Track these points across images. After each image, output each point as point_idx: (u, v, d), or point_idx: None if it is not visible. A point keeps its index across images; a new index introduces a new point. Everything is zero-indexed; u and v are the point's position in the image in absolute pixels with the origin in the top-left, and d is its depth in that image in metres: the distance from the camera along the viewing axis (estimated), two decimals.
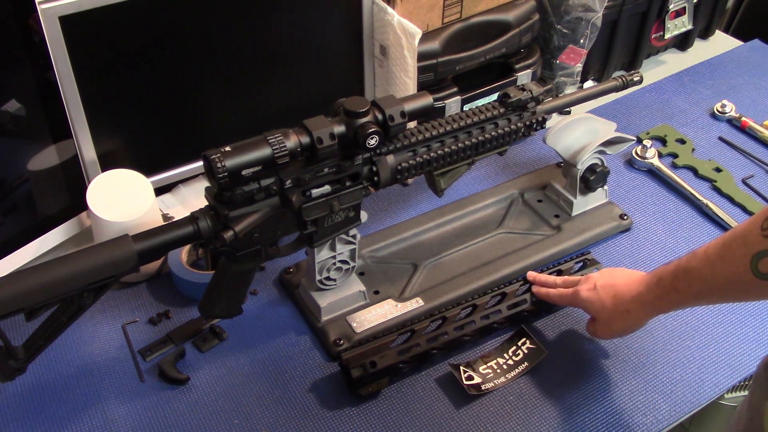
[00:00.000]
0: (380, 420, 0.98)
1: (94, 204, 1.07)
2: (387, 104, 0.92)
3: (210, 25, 1.12)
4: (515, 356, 1.05)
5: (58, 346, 1.03)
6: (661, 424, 0.98)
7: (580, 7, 1.40)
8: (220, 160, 0.84)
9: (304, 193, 0.94)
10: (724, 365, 1.05)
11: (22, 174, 1.08)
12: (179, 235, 0.90)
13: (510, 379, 1.02)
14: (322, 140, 0.88)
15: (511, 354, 1.05)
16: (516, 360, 1.04)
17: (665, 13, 1.58)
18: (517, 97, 1.05)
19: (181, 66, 1.14)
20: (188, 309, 1.11)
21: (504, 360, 1.05)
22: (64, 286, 0.85)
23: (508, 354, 1.05)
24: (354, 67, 1.29)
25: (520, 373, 1.03)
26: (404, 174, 1.00)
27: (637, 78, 1.23)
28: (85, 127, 1.09)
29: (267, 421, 0.98)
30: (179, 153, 1.21)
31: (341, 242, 1.03)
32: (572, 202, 1.24)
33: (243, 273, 0.99)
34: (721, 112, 1.49)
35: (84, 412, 0.99)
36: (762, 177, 1.36)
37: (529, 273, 1.11)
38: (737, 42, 1.75)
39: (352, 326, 1.07)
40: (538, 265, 1.17)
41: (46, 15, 0.98)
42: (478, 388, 1.01)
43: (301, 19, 1.19)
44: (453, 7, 1.25)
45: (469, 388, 1.00)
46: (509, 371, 1.03)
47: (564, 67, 1.47)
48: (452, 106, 1.31)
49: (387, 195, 1.31)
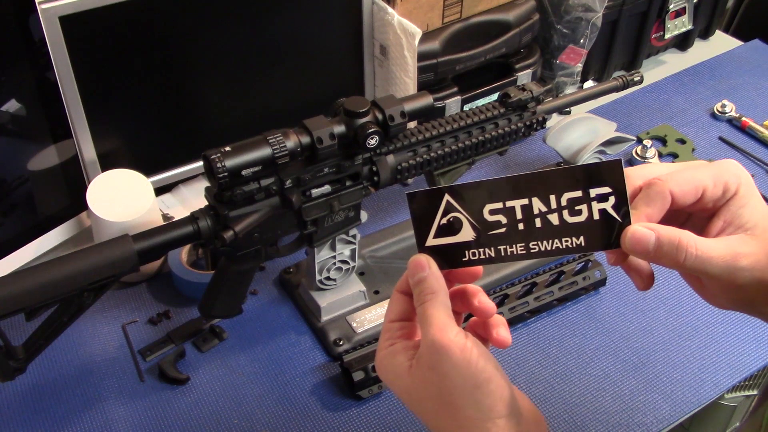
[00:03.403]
0: (380, 420, 0.98)
1: (94, 204, 1.07)
2: (387, 104, 0.92)
3: (210, 25, 1.12)
4: (572, 212, 0.57)
5: (58, 346, 1.03)
6: (661, 424, 0.98)
7: (580, 7, 1.40)
8: (220, 160, 0.84)
9: (304, 193, 0.94)
10: (724, 365, 1.05)
11: (22, 174, 1.08)
12: (179, 235, 0.90)
13: (531, 254, 0.58)
14: (322, 140, 0.88)
15: (565, 203, 0.57)
16: (568, 222, 0.57)
17: (665, 13, 1.58)
18: (518, 97, 1.05)
19: (181, 66, 1.14)
20: (188, 309, 1.11)
21: (544, 209, 0.57)
22: (64, 286, 0.85)
23: (560, 201, 0.57)
24: (354, 67, 1.29)
25: (558, 250, 0.57)
26: (404, 174, 1.00)
27: (637, 78, 1.22)
28: (85, 127, 1.09)
29: (267, 421, 0.98)
30: (179, 153, 1.21)
31: (341, 242, 1.03)
32: None
33: (243, 273, 0.99)
34: (721, 112, 1.49)
35: (84, 412, 0.99)
36: (762, 177, 1.36)
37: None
38: (737, 42, 1.74)
39: (353, 326, 1.07)
40: (538, 265, 1.17)
41: (46, 15, 0.98)
42: (457, 254, 0.58)
43: (301, 19, 1.19)
44: (453, 7, 1.25)
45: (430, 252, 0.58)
46: (543, 237, 0.57)
47: (564, 67, 1.47)
48: (452, 106, 1.31)
49: (387, 195, 1.31)
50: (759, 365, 1.05)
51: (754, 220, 0.55)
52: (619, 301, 1.14)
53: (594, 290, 1.15)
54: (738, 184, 0.55)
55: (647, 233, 0.53)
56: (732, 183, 0.55)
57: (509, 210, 0.57)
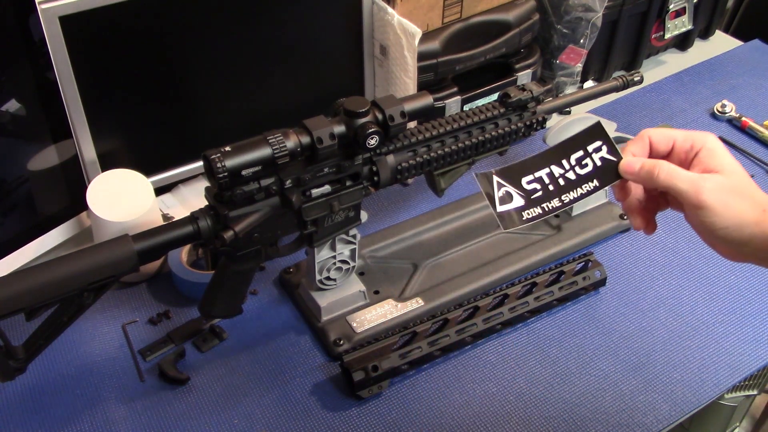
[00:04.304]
0: (380, 420, 0.98)
1: (94, 204, 1.07)
2: (387, 104, 0.92)
3: (210, 25, 1.12)
4: (581, 167, 0.77)
5: (58, 346, 1.03)
6: (661, 424, 0.98)
7: (580, 7, 1.40)
8: (220, 160, 0.84)
9: (304, 193, 0.94)
10: (724, 365, 1.05)
11: (22, 174, 1.08)
12: (179, 235, 0.90)
13: (566, 203, 0.77)
14: (322, 140, 0.88)
15: (574, 162, 0.78)
16: (581, 174, 0.77)
17: (665, 13, 1.58)
18: (518, 97, 1.05)
19: (181, 66, 1.14)
20: (188, 309, 1.11)
21: (562, 171, 0.78)
22: (64, 286, 0.85)
23: (570, 162, 0.78)
24: (354, 67, 1.29)
25: (582, 194, 0.77)
26: (404, 174, 1.00)
27: (637, 78, 1.22)
28: (85, 127, 1.09)
29: (267, 421, 0.98)
30: (179, 153, 1.21)
31: (341, 242, 1.03)
32: None
33: (243, 273, 0.99)
34: (721, 112, 1.49)
35: (84, 412, 0.99)
36: (762, 177, 1.36)
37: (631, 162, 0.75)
38: (737, 42, 1.75)
39: (352, 326, 1.07)
40: (538, 266, 1.17)
41: (46, 15, 0.98)
42: (519, 215, 0.77)
43: (301, 19, 1.19)
44: (453, 7, 1.25)
45: (503, 217, 0.77)
46: (568, 189, 0.77)
47: (564, 67, 1.47)
48: (452, 106, 1.31)
49: (387, 195, 1.31)
50: (759, 365, 1.05)
51: (721, 165, 0.69)
52: (619, 301, 1.14)
53: (594, 290, 1.15)
54: (704, 142, 0.70)
55: (634, 159, 0.73)
56: (698, 141, 0.71)
57: (539, 178, 0.78)
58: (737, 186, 0.68)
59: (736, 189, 0.68)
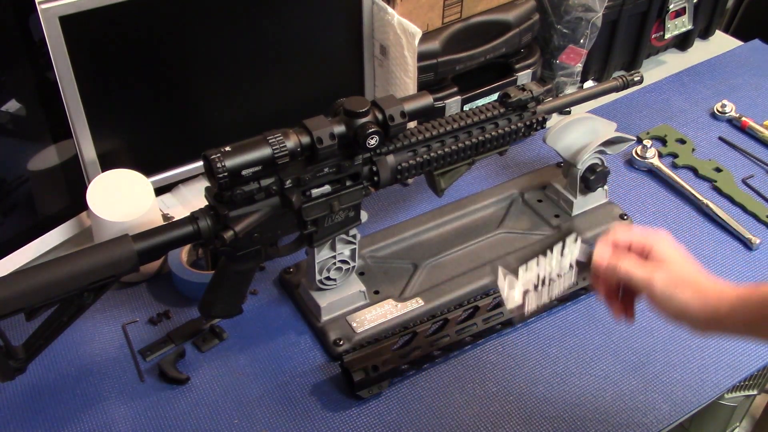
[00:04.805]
0: (380, 420, 0.98)
1: (94, 204, 1.07)
2: (387, 104, 0.92)
3: (210, 25, 1.12)
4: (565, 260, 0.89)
5: (58, 346, 1.03)
6: (661, 424, 0.98)
7: (580, 7, 1.40)
8: (220, 160, 0.84)
9: (304, 193, 0.94)
10: (724, 365, 1.05)
11: (22, 174, 1.08)
12: (179, 235, 0.90)
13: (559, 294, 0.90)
14: (322, 140, 0.88)
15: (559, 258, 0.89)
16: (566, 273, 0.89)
17: (665, 13, 1.58)
18: (518, 97, 1.05)
19: (181, 66, 1.14)
20: (188, 309, 1.11)
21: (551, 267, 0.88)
22: (64, 286, 0.85)
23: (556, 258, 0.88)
24: (354, 67, 1.29)
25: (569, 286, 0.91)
26: (404, 174, 1.00)
27: (637, 78, 1.22)
28: (85, 127, 1.09)
29: (267, 421, 0.98)
30: (179, 153, 1.21)
31: (341, 242, 1.03)
32: (572, 201, 1.24)
33: (243, 273, 0.99)
34: (721, 112, 1.49)
35: (84, 412, 0.99)
36: (762, 177, 1.36)
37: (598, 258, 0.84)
38: (737, 42, 1.74)
39: (352, 326, 1.07)
40: None
41: (46, 15, 0.98)
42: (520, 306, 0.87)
43: (301, 19, 1.19)
44: (453, 7, 1.25)
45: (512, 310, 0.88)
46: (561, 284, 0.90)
47: (564, 67, 1.47)
48: (452, 106, 1.31)
49: (387, 195, 1.31)
50: (759, 365, 1.05)
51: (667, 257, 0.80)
52: None
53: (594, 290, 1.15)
54: (654, 242, 0.81)
55: (601, 261, 0.83)
56: (650, 240, 0.81)
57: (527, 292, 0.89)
58: (681, 276, 0.78)
59: (682, 279, 0.78)
